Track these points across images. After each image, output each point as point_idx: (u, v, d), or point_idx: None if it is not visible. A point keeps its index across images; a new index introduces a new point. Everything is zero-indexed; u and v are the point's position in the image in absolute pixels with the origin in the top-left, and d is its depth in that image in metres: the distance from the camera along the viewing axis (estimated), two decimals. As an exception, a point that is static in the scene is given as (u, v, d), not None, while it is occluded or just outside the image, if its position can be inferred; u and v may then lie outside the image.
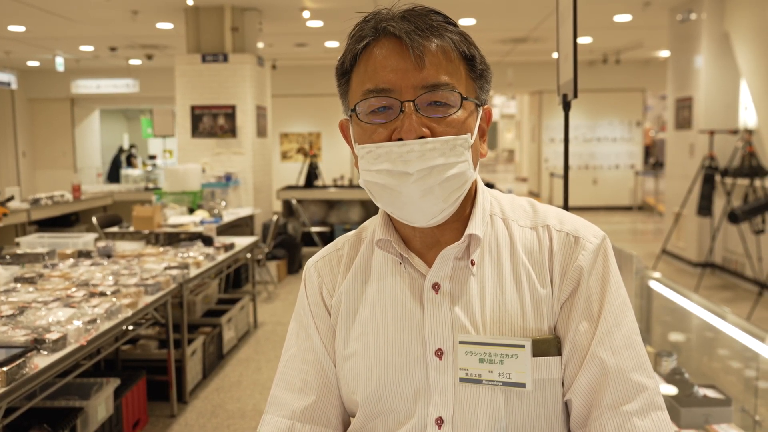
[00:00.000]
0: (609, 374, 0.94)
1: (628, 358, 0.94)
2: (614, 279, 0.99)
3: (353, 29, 0.99)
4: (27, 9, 8.12)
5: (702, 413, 2.06)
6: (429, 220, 0.97)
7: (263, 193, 8.59)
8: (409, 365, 0.99)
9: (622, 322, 0.97)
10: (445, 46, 0.95)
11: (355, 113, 0.97)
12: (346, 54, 0.99)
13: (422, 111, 0.93)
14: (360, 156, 0.97)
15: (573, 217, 1.05)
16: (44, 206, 7.78)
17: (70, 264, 3.98)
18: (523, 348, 0.94)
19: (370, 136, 0.96)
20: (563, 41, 2.19)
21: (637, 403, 0.93)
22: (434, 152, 0.92)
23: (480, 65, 0.99)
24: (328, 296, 1.10)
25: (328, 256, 1.13)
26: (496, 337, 0.96)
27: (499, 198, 1.08)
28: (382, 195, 0.97)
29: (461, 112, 0.95)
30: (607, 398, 0.93)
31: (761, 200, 5.99)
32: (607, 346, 0.95)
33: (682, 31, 8.23)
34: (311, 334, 1.09)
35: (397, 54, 0.94)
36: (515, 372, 0.94)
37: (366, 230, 1.13)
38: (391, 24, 0.94)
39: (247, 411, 4.02)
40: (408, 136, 0.92)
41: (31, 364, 2.39)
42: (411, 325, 1.01)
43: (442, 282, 1.00)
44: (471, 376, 0.96)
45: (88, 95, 14.32)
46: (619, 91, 14.11)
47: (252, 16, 8.32)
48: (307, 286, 1.13)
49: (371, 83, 0.95)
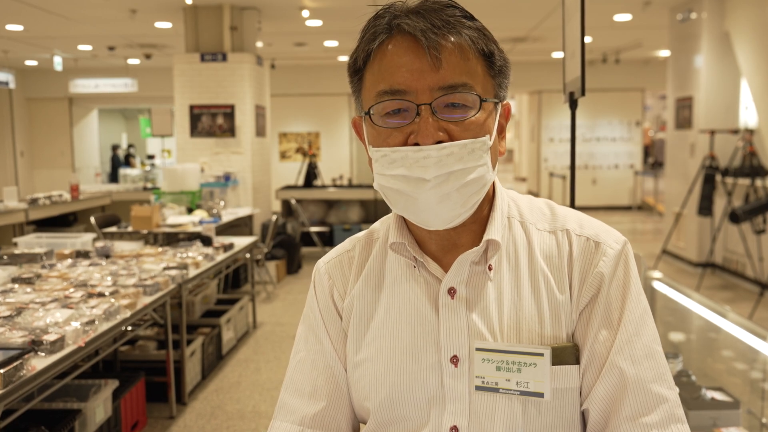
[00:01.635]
0: (628, 384, 0.91)
1: (648, 369, 0.92)
2: (635, 286, 0.96)
3: (366, 25, 0.96)
4: (25, 8, 8.09)
5: (710, 416, 2.04)
6: (446, 224, 0.94)
7: (262, 193, 8.57)
8: (424, 372, 0.97)
9: (643, 331, 0.94)
10: (462, 44, 0.91)
11: (369, 115, 0.94)
12: (359, 52, 0.95)
13: (439, 113, 0.90)
14: (374, 159, 0.94)
15: (593, 220, 1.01)
16: (42, 206, 7.75)
17: (68, 264, 3.95)
18: (542, 356, 0.92)
19: (384, 140, 0.93)
20: (569, 39, 2.17)
21: (656, 416, 0.90)
22: (452, 157, 0.89)
23: (499, 61, 0.95)
24: (339, 299, 1.06)
25: (339, 258, 1.10)
26: (514, 344, 0.93)
27: (516, 200, 1.04)
28: (398, 200, 0.94)
29: (480, 114, 0.92)
30: (626, 409, 0.91)
31: (762, 200, 5.98)
32: (627, 356, 0.92)
33: (682, 31, 8.21)
34: (321, 338, 1.06)
35: (412, 53, 0.90)
36: (533, 381, 0.92)
37: (378, 231, 1.09)
38: (406, 21, 0.91)
39: (246, 412, 4.00)
40: (425, 141, 0.89)
41: (29, 366, 2.36)
42: (426, 330, 0.98)
43: (459, 287, 0.97)
44: (488, 384, 0.93)
45: (87, 95, 14.29)
46: (618, 91, 14.11)
47: (251, 16, 8.29)
48: (317, 289, 1.09)
49: (385, 84, 0.92)
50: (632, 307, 0.94)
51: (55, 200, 8.05)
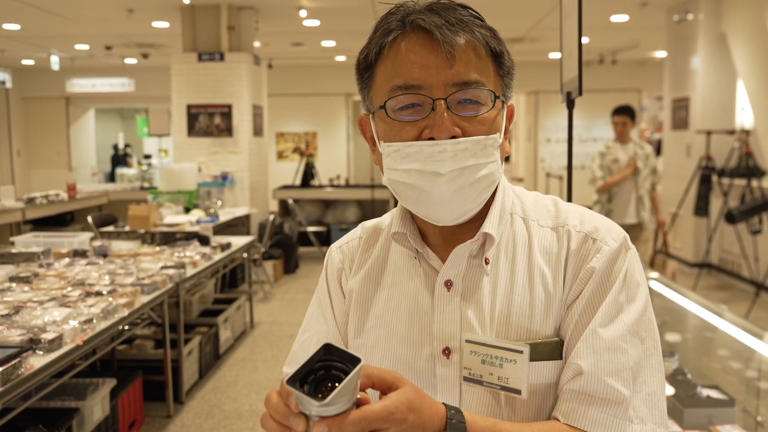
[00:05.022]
0: (583, 374, 0.90)
1: (608, 362, 0.90)
2: (623, 283, 0.94)
3: (378, 22, 0.96)
4: (22, 7, 8.08)
5: (705, 414, 2.05)
6: (455, 220, 0.96)
7: (259, 193, 8.57)
8: (418, 362, 0.98)
9: (613, 326, 0.92)
10: (474, 41, 0.92)
11: (383, 109, 0.94)
12: (371, 47, 0.96)
13: (453, 109, 0.91)
14: (386, 154, 0.95)
15: (596, 217, 1.01)
16: (39, 205, 7.74)
17: (66, 263, 3.95)
18: (521, 354, 0.91)
19: (397, 134, 0.93)
20: (567, 38, 2.18)
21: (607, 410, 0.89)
22: (466, 152, 0.91)
23: (507, 62, 0.97)
24: (345, 281, 1.09)
25: (350, 243, 1.13)
26: (498, 339, 0.94)
27: (522, 196, 1.05)
28: (410, 195, 0.95)
29: (492, 111, 0.94)
30: (574, 386, 0.90)
31: (758, 200, 5.99)
32: (589, 345, 0.91)
33: (679, 32, 8.23)
34: (327, 318, 1.09)
35: (426, 49, 0.91)
36: (512, 377, 0.92)
37: (386, 221, 1.11)
38: (420, 17, 0.92)
39: (243, 411, 4.00)
40: (440, 135, 0.90)
41: (27, 365, 2.36)
42: (422, 321, 0.99)
43: (455, 279, 0.98)
44: (473, 377, 0.94)
45: (84, 94, 14.27)
46: (615, 92, 14.10)
47: (248, 15, 8.29)
48: (328, 269, 1.12)
49: (400, 79, 0.92)
50: (610, 301, 0.92)
51: (52, 200, 8.04)
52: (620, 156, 5.46)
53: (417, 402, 0.78)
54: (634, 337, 0.92)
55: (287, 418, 0.73)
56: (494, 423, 0.86)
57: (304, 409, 0.73)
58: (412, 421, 0.77)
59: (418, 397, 0.78)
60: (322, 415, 0.72)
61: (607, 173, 5.43)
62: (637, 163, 5.40)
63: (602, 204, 5.52)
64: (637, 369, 0.91)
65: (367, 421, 0.73)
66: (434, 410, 0.80)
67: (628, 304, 0.93)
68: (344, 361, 0.74)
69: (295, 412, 0.73)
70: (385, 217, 1.13)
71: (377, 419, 0.73)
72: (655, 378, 0.93)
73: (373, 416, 0.73)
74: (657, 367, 0.94)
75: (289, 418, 0.73)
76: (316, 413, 0.72)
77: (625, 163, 5.42)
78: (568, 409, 0.90)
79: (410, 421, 0.76)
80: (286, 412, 0.74)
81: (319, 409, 0.71)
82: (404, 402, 0.76)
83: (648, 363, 0.92)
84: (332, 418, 0.72)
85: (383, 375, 0.78)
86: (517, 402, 0.93)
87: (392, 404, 0.75)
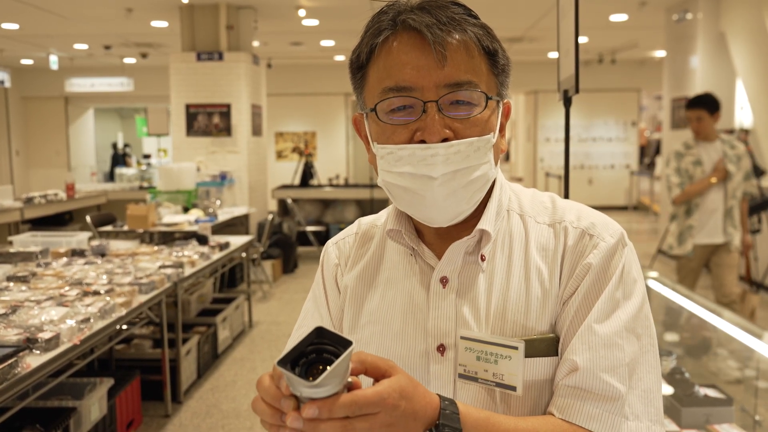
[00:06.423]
0: (578, 370, 0.89)
1: (603, 358, 0.89)
2: (620, 279, 0.93)
3: (369, 21, 0.96)
4: (21, 6, 8.07)
5: (703, 413, 2.05)
6: (449, 222, 0.96)
7: (258, 192, 8.57)
8: (412, 359, 0.98)
9: (610, 323, 0.91)
10: (467, 41, 0.91)
11: (374, 111, 0.94)
12: (362, 47, 0.95)
13: (445, 111, 0.91)
14: (379, 156, 0.95)
15: (593, 213, 1.00)
16: (38, 205, 7.74)
17: (64, 263, 3.94)
18: (516, 350, 0.91)
19: (389, 137, 0.93)
20: (564, 37, 2.18)
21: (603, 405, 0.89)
22: (458, 155, 0.90)
23: (502, 60, 0.96)
24: (340, 276, 1.09)
25: (347, 239, 1.12)
26: (493, 336, 0.93)
27: (519, 193, 1.05)
28: (403, 197, 0.95)
29: (484, 111, 0.93)
30: (570, 381, 0.90)
31: (757, 200, 5.99)
32: (585, 341, 0.90)
33: (678, 31, 8.23)
34: (323, 314, 1.09)
35: (417, 49, 0.90)
36: (507, 374, 0.91)
37: (383, 217, 1.11)
38: (411, 17, 0.91)
39: (242, 411, 3.99)
40: (431, 138, 0.90)
41: (24, 364, 2.36)
42: (417, 318, 0.99)
43: (451, 276, 0.98)
44: (468, 373, 0.94)
45: (82, 94, 14.26)
46: (614, 91, 14.13)
47: (247, 14, 8.29)
48: (324, 264, 1.12)
49: (391, 81, 0.92)
50: (607, 297, 0.92)
51: (51, 199, 8.04)
52: (704, 157, 4.34)
53: (410, 390, 0.77)
54: (630, 333, 0.92)
55: (278, 401, 0.73)
56: (488, 415, 0.86)
57: (294, 391, 0.73)
58: (404, 409, 0.76)
59: (411, 386, 0.78)
60: (312, 397, 0.72)
61: (687, 179, 4.36)
62: (727, 166, 4.28)
63: (679, 219, 4.52)
64: (633, 366, 0.91)
65: (358, 405, 0.72)
66: (428, 400, 0.80)
67: (625, 300, 0.93)
68: (336, 345, 0.73)
69: (286, 394, 0.73)
70: (382, 214, 1.12)
71: (368, 403, 0.73)
72: (651, 375, 0.92)
73: (364, 400, 0.73)
74: (653, 364, 0.93)
75: (279, 401, 0.73)
76: (307, 395, 0.72)
77: (710, 166, 4.33)
78: (563, 404, 0.90)
79: (402, 408, 0.76)
80: (277, 394, 0.73)
81: (310, 390, 0.71)
82: (396, 389, 0.76)
83: (644, 360, 0.92)
84: (323, 400, 0.71)
85: (377, 362, 0.78)
86: (512, 398, 0.93)
87: (384, 390, 0.75)
